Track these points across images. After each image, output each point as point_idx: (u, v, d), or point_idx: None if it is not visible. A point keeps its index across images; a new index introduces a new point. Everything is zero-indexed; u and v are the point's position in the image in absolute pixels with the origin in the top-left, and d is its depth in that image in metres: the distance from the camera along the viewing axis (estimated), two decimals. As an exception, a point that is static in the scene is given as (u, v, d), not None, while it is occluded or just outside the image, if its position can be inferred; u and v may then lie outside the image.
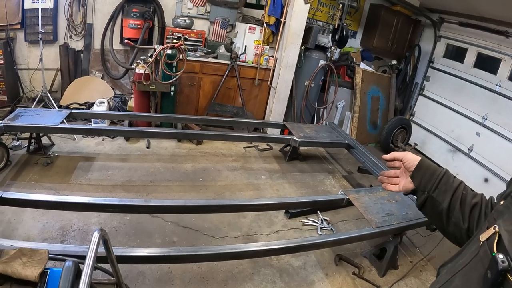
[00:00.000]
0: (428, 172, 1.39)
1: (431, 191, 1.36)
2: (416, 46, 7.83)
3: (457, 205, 1.32)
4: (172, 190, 4.60)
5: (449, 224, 1.34)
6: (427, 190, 1.37)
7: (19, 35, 5.87)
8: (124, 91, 6.71)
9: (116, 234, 3.62)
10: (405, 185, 1.45)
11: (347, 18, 7.10)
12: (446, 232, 1.39)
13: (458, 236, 1.34)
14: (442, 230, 1.41)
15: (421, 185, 1.39)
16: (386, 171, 1.57)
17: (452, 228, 1.34)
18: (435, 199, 1.36)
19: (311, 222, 4.44)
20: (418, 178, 1.40)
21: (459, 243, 1.36)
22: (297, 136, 5.44)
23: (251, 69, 6.67)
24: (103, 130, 5.35)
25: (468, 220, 1.30)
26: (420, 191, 1.40)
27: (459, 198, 1.33)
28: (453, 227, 1.34)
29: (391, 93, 7.68)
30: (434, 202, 1.36)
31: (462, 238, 1.32)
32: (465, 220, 1.30)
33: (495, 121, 6.05)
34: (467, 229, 1.30)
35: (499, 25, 5.94)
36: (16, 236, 3.33)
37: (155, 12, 6.30)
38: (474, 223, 1.28)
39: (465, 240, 1.30)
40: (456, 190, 1.34)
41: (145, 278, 3.15)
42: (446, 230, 1.37)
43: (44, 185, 4.19)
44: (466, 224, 1.30)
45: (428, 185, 1.37)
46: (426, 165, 1.41)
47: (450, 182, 1.36)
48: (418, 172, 1.40)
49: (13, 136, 4.86)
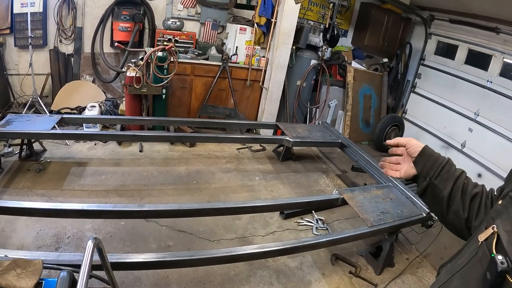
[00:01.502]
0: (431, 159, 1.39)
1: (433, 178, 1.37)
2: (407, 44, 7.87)
3: (458, 193, 1.32)
4: (166, 193, 4.58)
5: (449, 213, 1.35)
6: (429, 176, 1.37)
7: (9, 40, 5.81)
8: (116, 95, 6.67)
9: (111, 240, 3.60)
10: (407, 171, 1.45)
11: (338, 17, 7.11)
12: (446, 221, 1.40)
13: (457, 225, 1.34)
14: (441, 218, 1.42)
15: (423, 172, 1.39)
16: (387, 157, 1.56)
17: (452, 217, 1.35)
18: (436, 186, 1.36)
19: (306, 222, 4.44)
20: (420, 164, 1.40)
21: (458, 232, 1.37)
22: (290, 137, 5.44)
23: (243, 70, 6.66)
24: (95, 135, 5.31)
25: (468, 209, 1.30)
26: (422, 177, 1.40)
27: (461, 187, 1.33)
28: (453, 216, 1.34)
29: (383, 91, 7.71)
30: (435, 190, 1.36)
31: (461, 227, 1.33)
32: (465, 210, 1.31)
33: (487, 116, 6.10)
34: (467, 218, 1.30)
35: (489, 21, 5.98)
36: (10, 245, 3.30)
37: (145, 15, 6.26)
38: (474, 213, 1.29)
39: (464, 230, 1.32)
40: (457, 178, 1.35)
41: (141, 284, 3.13)
42: (446, 218, 1.38)
43: (37, 192, 4.15)
44: (466, 213, 1.30)
45: (430, 172, 1.37)
46: (429, 152, 1.41)
47: (452, 171, 1.37)
48: (421, 158, 1.40)
49: (4, 143, 4.81)
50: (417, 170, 1.41)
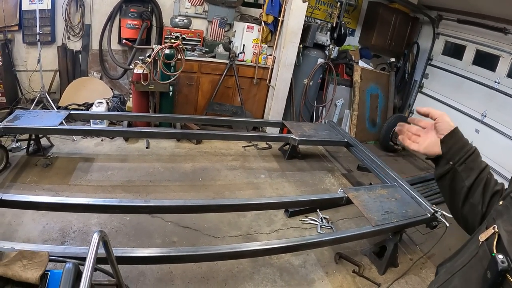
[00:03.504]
0: (460, 143, 1.28)
1: (457, 163, 1.25)
2: (414, 44, 7.83)
3: (480, 187, 1.24)
4: (171, 190, 4.60)
5: (465, 204, 1.26)
6: (454, 161, 1.26)
7: (17, 37, 5.86)
8: (123, 92, 6.70)
9: (116, 235, 3.62)
10: (429, 147, 1.32)
11: (345, 16, 7.09)
12: (459, 213, 1.30)
13: (471, 219, 1.27)
14: (454, 208, 1.32)
15: (449, 154, 1.27)
16: (405, 124, 1.43)
17: (467, 209, 1.26)
18: (459, 174, 1.25)
19: (311, 221, 4.44)
20: (448, 145, 1.28)
21: (468, 227, 1.30)
22: (296, 135, 5.43)
23: (250, 68, 6.66)
24: (102, 130, 5.35)
25: (487, 205, 1.23)
26: (445, 160, 1.28)
27: (484, 180, 1.24)
28: (469, 208, 1.26)
29: (390, 91, 7.68)
30: (457, 177, 1.26)
31: (474, 222, 1.26)
32: (484, 205, 1.23)
33: (494, 118, 6.06)
34: (483, 214, 1.23)
35: (497, 22, 5.94)
36: (16, 238, 3.34)
37: (153, 12, 6.29)
38: (491, 210, 1.21)
39: (476, 226, 1.24)
40: (482, 171, 1.25)
41: (145, 279, 3.15)
42: (460, 209, 1.29)
43: (44, 187, 4.19)
44: (484, 208, 1.23)
45: (456, 156, 1.26)
46: (459, 136, 1.29)
47: (478, 161, 1.27)
48: (451, 139, 1.28)
49: (12, 138, 4.86)
50: (442, 150, 1.29)
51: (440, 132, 1.30)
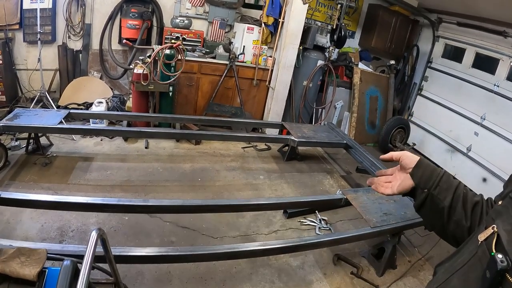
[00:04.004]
0: (428, 170, 1.34)
1: (431, 188, 1.30)
2: (414, 46, 7.83)
3: (459, 203, 1.28)
4: (170, 190, 4.60)
5: (449, 223, 1.30)
6: (428, 187, 1.31)
7: (18, 35, 5.87)
8: (123, 91, 6.71)
9: (115, 234, 3.62)
10: (402, 185, 1.39)
11: (345, 18, 7.09)
12: (446, 233, 1.34)
13: (459, 235, 1.30)
14: (441, 231, 1.36)
15: (421, 183, 1.33)
16: (374, 177, 1.52)
17: (452, 227, 1.30)
18: (436, 197, 1.30)
19: (310, 222, 4.44)
20: (418, 175, 1.34)
21: (458, 244, 1.32)
22: (296, 136, 5.43)
23: (250, 69, 6.67)
24: (101, 130, 5.35)
25: (471, 218, 1.26)
26: (420, 189, 1.33)
27: (461, 196, 1.29)
28: (454, 226, 1.29)
29: (390, 93, 7.69)
30: (435, 200, 1.30)
31: (463, 238, 1.28)
32: (467, 218, 1.26)
33: (493, 121, 6.06)
34: (469, 227, 1.26)
35: (497, 25, 5.94)
36: (14, 236, 3.33)
37: (154, 12, 6.30)
38: (476, 221, 1.25)
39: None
40: (457, 188, 1.30)
41: (143, 278, 3.15)
42: (446, 229, 1.33)
43: (43, 185, 4.19)
44: (468, 222, 1.26)
45: (429, 182, 1.31)
46: (426, 164, 1.36)
47: (450, 180, 1.32)
48: (418, 170, 1.34)
49: (11, 137, 4.85)
50: (414, 181, 1.35)
51: (407, 167, 1.37)
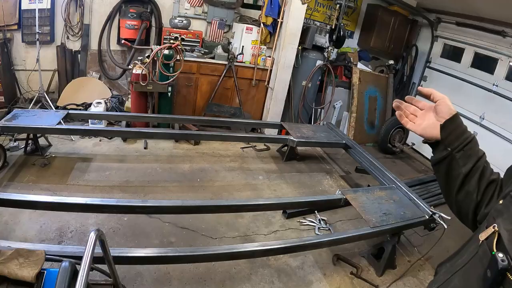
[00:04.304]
0: (459, 129, 1.26)
1: (455, 150, 1.24)
2: (413, 46, 7.84)
3: (477, 175, 1.24)
4: (169, 190, 4.60)
5: (460, 191, 1.26)
6: (452, 147, 1.25)
7: (16, 36, 5.85)
8: (121, 92, 6.70)
9: (114, 235, 3.62)
10: (427, 129, 1.31)
11: (344, 18, 7.11)
12: (453, 200, 1.29)
13: (465, 207, 1.27)
14: (449, 195, 1.31)
15: (448, 139, 1.25)
16: (403, 101, 1.41)
17: (462, 197, 1.26)
18: (456, 160, 1.25)
19: (309, 222, 4.43)
20: (447, 130, 1.25)
21: (460, 215, 1.30)
22: (295, 136, 5.43)
23: (249, 70, 6.67)
24: (100, 130, 5.34)
25: (483, 194, 1.23)
26: (443, 145, 1.27)
27: (480, 168, 1.25)
28: (463, 196, 1.26)
29: (389, 93, 7.69)
30: (454, 163, 1.25)
31: (467, 211, 1.26)
32: (479, 193, 1.23)
33: (492, 120, 6.07)
34: (478, 203, 1.23)
35: (496, 25, 5.95)
36: (13, 237, 3.32)
37: (152, 13, 6.29)
38: (486, 199, 1.23)
39: (470, 214, 1.25)
40: (480, 159, 1.26)
41: (142, 279, 3.14)
42: (455, 197, 1.28)
43: (42, 186, 4.18)
44: (479, 197, 1.23)
45: (455, 142, 1.24)
46: (460, 121, 1.27)
47: (476, 149, 1.26)
48: (451, 124, 1.25)
49: (10, 137, 4.85)
50: (441, 135, 1.26)
51: (440, 115, 1.28)
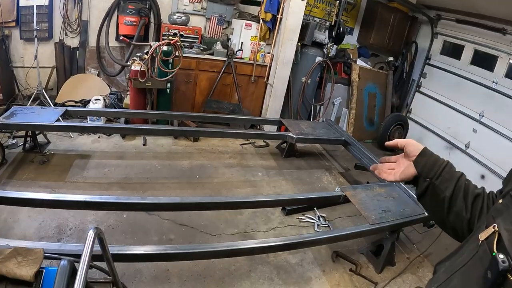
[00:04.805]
0: (431, 159, 1.35)
1: (434, 178, 1.32)
2: (413, 43, 7.83)
3: (460, 194, 1.28)
4: (168, 187, 4.59)
5: (450, 214, 1.30)
6: (430, 177, 1.33)
7: (14, 33, 5.83)
8: (120, 88, 6.68)
9: (113, 232, 3.61)
10: (404, 172, 1.40)
11: (344, 15, 7.08)
12: (446, 223, 1.35)
13: (458, 227, 1.30)
14: (441, 221, 1.37)
15: (424, 172, 1.34)
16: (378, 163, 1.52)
17: (453, 218, 1.30)
18: (437, 187, 1.31)
19: (308, 219, 4.43)
20: (421, 164, 1.35)
21: (458, 235, 1.33)
22: (294, 133, 5.42)
23: (248, 66, 6.65)
24: (99, 127, 5.32)
25: (471, 210, 1.26)
26: (422, 178, 1.35)
27: (462, 187, 1.29)
28: (454, 217, 1.30)
29: (388, 90, 7.68)
30: (437, 190, 1.32)
31: (462, 230, 1.29)
32: (467, 210, 1.26)
33: (491, 118, 6.06)
34: (469, 220, 1.26)
35: (496, 22, 5.93)
36: (12, 235, 3.31)
37: (151, 9, 6.26)
38: (476, 214, 1.25)
39: (465, 233, 1.27)
40: (459, 179, 1.31)
41: (142, 276, 3.14)
42: (446, 220, 1.33)
43: (40, 184, 4.17)
44: (468, 214, 1.26)
45: (431, 172, 1.33)
46: (430, 153, 1.37)
47: (453, 171, 1.33)
48: (422, 158, 1.35)
49: (8, 135, 4.84)
50: (417, 170, 1.36)
51: (411, 155, 1.38)
